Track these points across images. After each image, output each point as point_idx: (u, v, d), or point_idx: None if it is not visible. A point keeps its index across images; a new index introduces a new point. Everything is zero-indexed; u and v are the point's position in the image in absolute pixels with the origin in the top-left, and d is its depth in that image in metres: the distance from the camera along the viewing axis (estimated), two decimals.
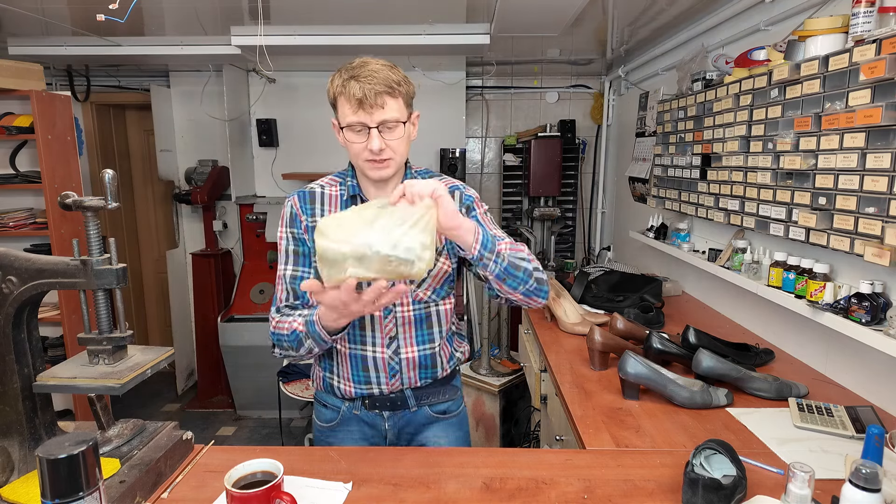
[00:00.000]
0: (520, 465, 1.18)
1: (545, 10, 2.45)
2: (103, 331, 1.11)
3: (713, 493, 0.98)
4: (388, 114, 1.19)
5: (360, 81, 1.16)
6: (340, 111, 1.22)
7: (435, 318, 1.37)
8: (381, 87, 1.17)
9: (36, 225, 2.85)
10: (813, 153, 1.58)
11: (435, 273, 1.33)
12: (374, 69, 1.18)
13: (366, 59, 1.21)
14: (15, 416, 1.07)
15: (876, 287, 1.42)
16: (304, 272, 1.32)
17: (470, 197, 1.37)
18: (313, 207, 1.33)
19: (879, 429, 1.04)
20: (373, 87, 1.16)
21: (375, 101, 1.17)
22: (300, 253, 1.32)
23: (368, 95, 1.16)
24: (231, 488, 0.93)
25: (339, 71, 1.22)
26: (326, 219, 1.01)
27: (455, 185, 1.38)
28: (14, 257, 1.06)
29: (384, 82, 1.18)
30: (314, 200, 1.33)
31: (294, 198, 1.34)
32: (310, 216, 1.32)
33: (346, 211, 1.03)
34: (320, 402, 1.44)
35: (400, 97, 1.21)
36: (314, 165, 4.08)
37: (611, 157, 4.09)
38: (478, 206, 1.38)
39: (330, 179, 1.38)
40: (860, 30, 1.39)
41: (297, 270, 1.32)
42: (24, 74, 2.64)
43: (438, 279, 1.34)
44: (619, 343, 1.75)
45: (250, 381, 3.76)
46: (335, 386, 1.38)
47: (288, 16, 2.78)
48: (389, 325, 1.32)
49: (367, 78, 1.17)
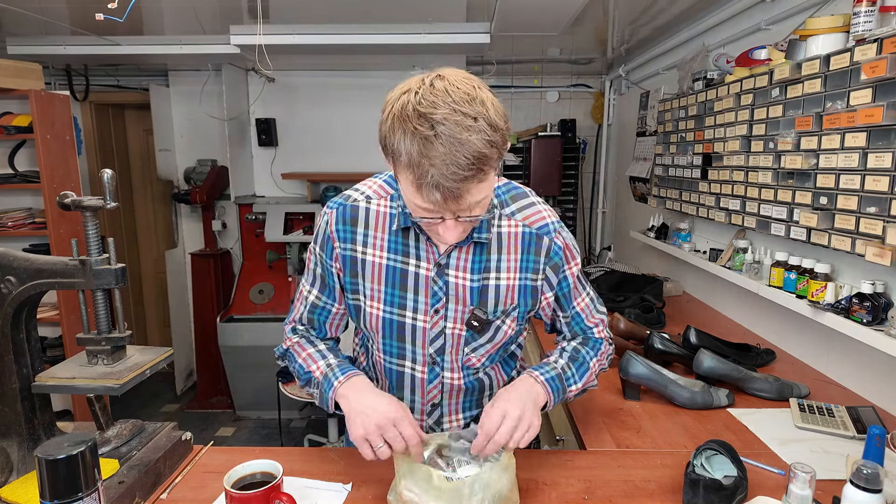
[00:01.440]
0: (520, 465, 1.17)
1: (545, 9, 2.45)
2: (102, 331, 1.11)
3: (714, 494, 0.98)
4: (473, 199, 0.87)
5: (442, 176, 0.81)
6: (402, 176, 0.88)
7: (487, 384, 1.18)
8: (468, 170, 0.82)
9: (35, 225, 2.85)
10: (814, 153, 1.57)
11: (498, 339, 1.11)
12: (461, 148, 0.80)
13: (443, 116, 0.81)
14: (14, 417, 1.07)
15: (877, 287, 1.41)
16: (328, 304, 1.15)
17: (559, 249, 1.09)
18: (354, 231, 1.07)
19: (881, 429, 1.04)
20: (458, 184, 0.83)
21: (456, 192, 0.84)
22: (325, 282, 1.13)
23: (450, 196, 0.84)
24: (230, 489, 0.92)
25: (406, 125, 0.82)
26: (405, 476, 0.93)
27: (545, 226, 1.09)
28: (13, 257, 1.05)
29: (476, 170, 0.83)
30: (356, 220, 1.07)
31: (332, 213, 1.09)
32: (347, 242, 1.08)
33: (422, 468, 0.93)
34: None
35: (493, 170, 0.87)
36: (314, 165, 4.08)
37: (611, 157, 4.08)
38: (567, 262, 1.11)
39: (378, 188, 1.10)
40: (861, 29, 1.38)
41: (320, 300, 1.15)
42: (22, 74, 2.63)
43: (497, 345, 1.12)
44: (620, 343, 1.75)
45: (250, 381, 3.75)
46: None
47: (287, 15, 2.78)
48: (434, 391, 1.13)
49: (452, 172, 0.81)
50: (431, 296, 1.07)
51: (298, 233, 3.77)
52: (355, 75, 3.98)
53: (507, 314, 1.10)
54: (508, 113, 0.89)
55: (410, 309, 1.08)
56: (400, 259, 1.07)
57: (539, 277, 1.10)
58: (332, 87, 4.02)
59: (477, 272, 1.07)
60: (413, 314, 1.08)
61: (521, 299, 1.10)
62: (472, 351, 1.11)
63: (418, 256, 1.06)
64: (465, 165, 0.81)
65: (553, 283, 1.12)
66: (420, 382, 1.13)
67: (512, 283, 1.08)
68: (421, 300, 1.07)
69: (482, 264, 1.07)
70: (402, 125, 0.83)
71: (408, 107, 0.83)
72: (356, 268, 1.09)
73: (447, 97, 0.82)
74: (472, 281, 1.07)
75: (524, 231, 1.08)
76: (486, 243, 1.06)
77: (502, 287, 1.08)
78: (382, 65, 3.85)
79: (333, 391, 1.05)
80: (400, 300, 1.08)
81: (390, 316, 1.09)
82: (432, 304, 1.07)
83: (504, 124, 0.87)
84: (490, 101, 0.86)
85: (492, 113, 0.85)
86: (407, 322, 1.09)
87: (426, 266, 1.06)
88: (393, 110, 0.85)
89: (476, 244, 1.06)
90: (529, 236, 1.08)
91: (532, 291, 1.10)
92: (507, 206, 1.09)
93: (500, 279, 1.08)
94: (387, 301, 1.08)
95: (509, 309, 1.10)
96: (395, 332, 1.10)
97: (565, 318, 1.18)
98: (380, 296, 1.08)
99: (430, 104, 0.82)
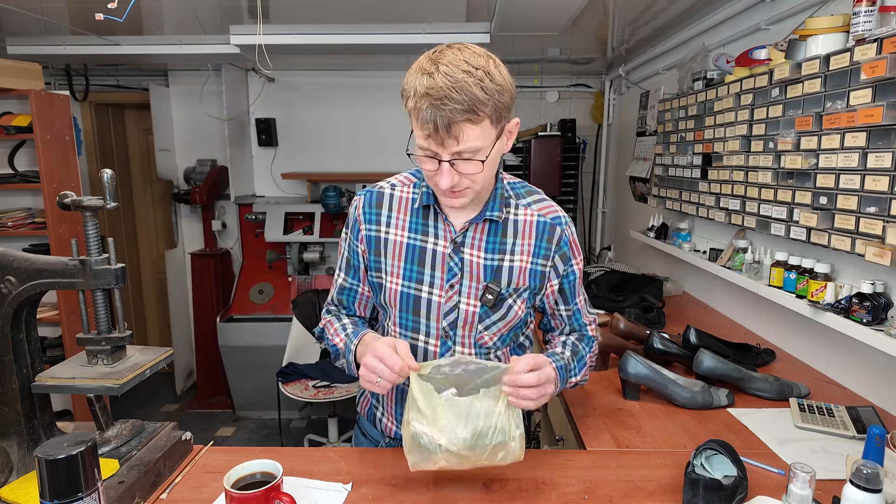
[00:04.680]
0: (520, 465, 1.17)
1: (545, 8, 2.45)
2: (102, 331, 1.11)
3: (714, 494, 0.98)
4: (466, 144, 0.96)
5: (434, 103, 0.93)
6: (413, 124, 1.00)
7: None
8: (460, 113, 0.93)
9: (34, 225, 2.85)
10: (814, 153, 1.57)
11: (510, 318, 1.17)
12: (454, 83, 0.92)
13: (447, 60, 0.95)
14: (14, 417, 1.07)
15: (877, 287, 1.42)
16: (354, 285, 1.24)
17: (568, 241, 1.18)
18: (379, 213, 1.17)
19: (880, 429, 1.04)
20: (447, 113, 0.93)
21: (449, 132, 0.95)
22: (352, 264, 1.22)
23: (440, 125, 0.94)
24: (230, 489, 0.92)
25: (418, 68, 0.98)
26: (420, 407, 0.97)
27: (558, 217, 1.18)
28: (12, 257, 1.05)
29: (465, 105, 0.93)
30: (381, 204, 1.18)
31: (360, 199, 1.19)
32: (372, 224, 1.17)
33: (441, 399, 0.98)
34: (361, 431, 1.34)
35: (486, 118, 0.96)
36: (313, 165, 4.07)
37: (611, 157, 4.08)
38: (575, 256, 1.20)
39: (404, 178, 1.20)
40: (861, 29, 1.38)
41: (347, 282, 1.24)
42: (22, 74, 2.63)
43: (508, 324, 1.18)
44: (620, 343, 1.75)
45: (249, 381, 3.75)
46: (378, 417, 1.29)
47: (287, 15, 2.78)
48: None
49: (442, 99, 0.92)
50: (447, 271, 1.14)
51: (298, 233, 3.77)
52: (355, 75, 3.98)
53: (518, 293, 1.16)
54: None
55: (427, 283, 1.15)
56: (420, 237, 1.15)
57: (548, 264, 1.17)
58: (332, 87, 4.02)
59: (491, 252, 1.15)
60: (429, 288, 1.15)
61: (531, 281, 1.17)
62: (485, 329, 1.16)
63: (436, 234, 1.15)
64: (457, 99, 0.92)
65: (560, 272, 1.19)
66: (433, 356, 1.17)
67: (524, 265, 1.15)
68: (437, 275, 1.14)
69: (497, 245, 1.15)
70: (415, 69, 0.98)
71: (423, 57, 0.99)
72: (380, 247, 1.17)
73: (459, 53, 0.97)
74: (487, 259, 1.14)
75: (539, 220, 1.17)
76: (499, 223, 1.15)
77: (515, 268, 1.15)
78: (382, 65, 3.85)
79: (352, 355, 1.15)
80: (417, 275, 1.15)
81: (407, 290, 1.16)
82: (448, 279, 1.14)
83: (507, 84, 0.98)
84: (497, 66, 0.99)
85: (493, 70, 0.97)
86: (423, 296, 1.15)
87: (443, 243, 1.14)
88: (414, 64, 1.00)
89: (490, 224, 1.15)
90: (543, 225, 1.16)
91: (541, 276, 1.17)
92: (523, 198, 1.19)
93: (513, 261, 1.15)
94: (405, 276, 1.15)
95: (521, 289, 1.16)
96: (410, 305, 1.16)
97: (567, 311, 1.25)
98: (399, 271, 1.16)
99: (441, 53, 0.98)
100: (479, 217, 1.13)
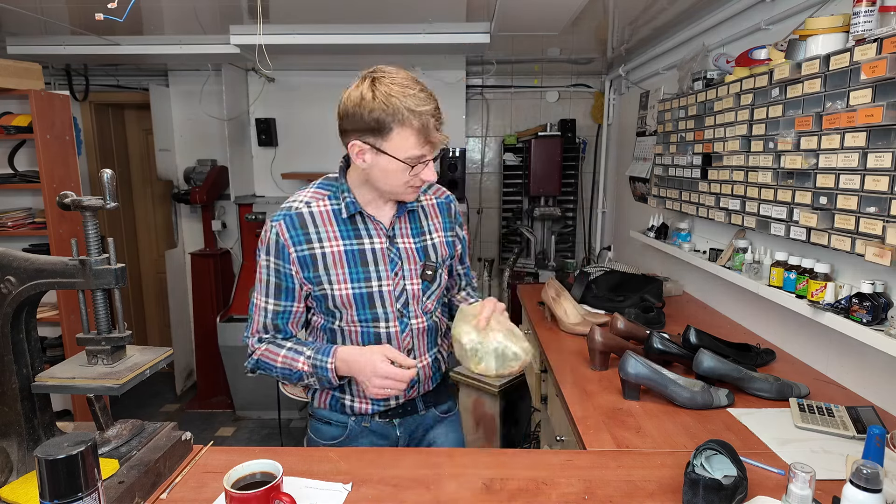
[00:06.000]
0: (520, 465, 1.18)
1: (545, 9, 2.45)
2: (102, 331, 1.11)
3: (714, 494, 0.98)
4: (441, 137, 1.19)
5: (434, 113, 1.15)
6: (397, 140, 1.14)
7: (438, 326, 1.40)
8: (434, 101, 1.15)
9: (34, 225, 2.85)
10: (814, 153, 1.57)
11: (441, 284, 1.37)
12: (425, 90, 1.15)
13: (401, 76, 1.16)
14: (13, 417, 1.07)
15: (877, 287, 1.42)
16: (287, 306, 1.29)
17: (457, 211, 1.45)
18: (306, 232, 1.24)
19: (880, 429, 1.04)
20: (439, 116, 1.16)
21: (436, 116, 1.16)
22: (283, 287, 1.27)
23: (438, 127, 1.16)
24: (230, 489, 0.93)
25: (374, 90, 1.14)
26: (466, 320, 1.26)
27: (448, 196, 1.44)
28: (12, 257, 1.05)
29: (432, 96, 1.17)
30: (304, 223, 1.25)
31: (280, 224, 1.24)
32: (302, 244, 1.24)
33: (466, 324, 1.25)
34: (322, 420, 1.40)
35: None
36: (313, 165, 4.07)
37: (611, 157, 4.08)
38: (463, 225, 1.47)
39: (314, 193, 1.30)
40: (861, 29, 1.38)
41: (280, 305, 1.29)
42: (22, 74, 2.63)
43: (441, 289, 1.38)
44: (620, 343, 1.75)
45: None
46: (346, 404, 1.36)
47: (287, 15, 2.78)
48: (407, 338, 1.32)
49: (436, 107, 1.16)
50: (389, 262, 1.30)
51: None
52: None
53: (444, 263, 1.38)
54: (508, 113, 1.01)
55: (375, 279, 1.28)
56: (355, 242, 1.28)
57: (453, 234, 1.41)
58: (333, 87, 3.98)
59: (416, 236, 1.34)
60: (378, 283, 1.28)
61: (449, 251, 1.40)
62: (427, 299, 1.35)
63: (370, 235, 1.29)
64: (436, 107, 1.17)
65: (460, 238, 1.45)
66: (395, 335, 1.31)
67: (441, 239, 1.38)
68: (382, 269, 1.29)
69: (418, 230, 1.35)
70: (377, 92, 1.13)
71: (375, 83, 1.15)
72: (316, 262, 1.26)
73: (395, 71, 1.18)
74: (416, 243, 1.34)
75: (438, 201, 1.41)
76: (415, 211, 1.35)
77: (437, 244, 1.37)
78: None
79: (332, 373, 1.24)
80: (364, 274, 1.27)
81: (358, 290, 1.27)
82: (392, 268, 1.30)
83: None
84: None
85: None
86: (374, 291, 1.28)
87: (379, 241, 1.29)
88: (364, 100, 1.14)
89: (409, 213, 1.34)
90: (441, 205, 1.41)
91: (452, 245, 1.42)
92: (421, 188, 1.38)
93: (433, 239, 1.37)
94: (353, 279, 1.27)
95: (445, 259, 1.38)
96: (366, 301, 1.28)
97: (463, 269, 1.52)
98: (345, 277, 1.26)
99: (384, 73, 1.17)
100: (401, 210, 1.31)
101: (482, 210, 4.34)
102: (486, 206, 4.34)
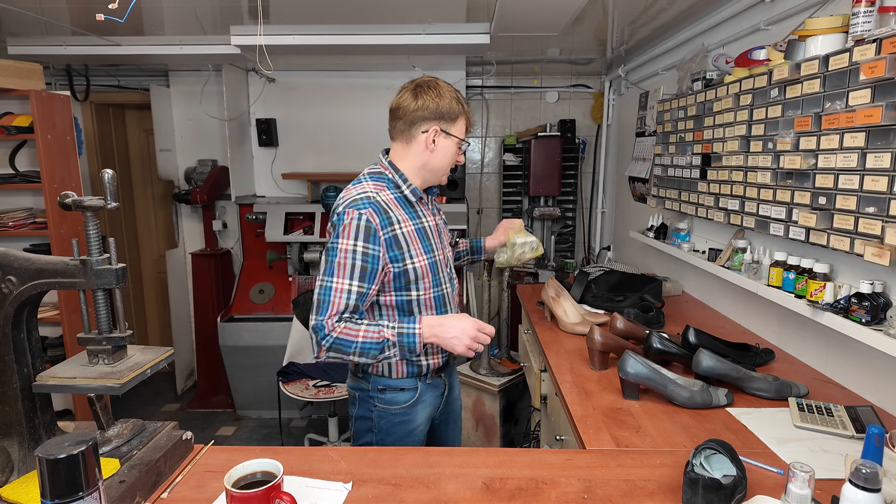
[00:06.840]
0: (520, 465, 1.18)
1: (545, 9, 2.45)
2: (103, 331, 1.11)
3: (713, 493, 0.98)
4: None
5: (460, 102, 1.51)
6: (458, 127, 1.50)
7: None
8: None
9: (35, 225, 2.85)
10: (813, 153, 1.58)
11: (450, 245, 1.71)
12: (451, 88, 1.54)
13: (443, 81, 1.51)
14: (14, 416, 1.07)
15: (876, 287, 1.42)
16: (368, 288, 1.40)
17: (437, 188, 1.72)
18: (388, 217, 1.42)
19: (879, 429, 1.04)
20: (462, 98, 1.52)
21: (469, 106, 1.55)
22: (368, 270, 1.38)
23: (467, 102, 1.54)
24: (231, 488, 0.93)
25: (439, 90, 1.47)
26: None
27: None
28: (13, 257, 1.06)
29: None
30: (386, 210, 1.43)
31: (369, 211, 1.39)
32: (386, 227, 1.41)
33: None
34: (397, 388, 1.52)
35: None
36: (314, 165, 4.08)
37: (611, 157, 4.09)
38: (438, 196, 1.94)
39: (374, 185, 1.47)
40: (860, 29, 1.39)
41: (363, 287, 1.38)
42: (23, 74, 2.64)
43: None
44: (620, 343, 1.75)
45: (250, 381, 3.75)
46: (423, 364, 1.53)
47: (287, 15, 2.78)
48: (456, 296, 1.63)
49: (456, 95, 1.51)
50: (439, 235, 1.60)
51: (299, 233, 3.78)
52: (355, 75, 3.98)
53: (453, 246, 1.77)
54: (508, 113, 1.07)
55: (437, 250, 1.55)
56: (417, 221, 1.52)
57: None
58: (332, 87, 4.02)
59: (436, 215, 1.65)
60: (439, 253, 1.56)
61: None
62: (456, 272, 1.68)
63: (423, 215, 1.55)
64: None
65: None
66: (454, 295, 1.60)
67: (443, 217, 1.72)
68: (436, 241, 1.56)
69: (434, 210, 1.66)
70: (444, 92, 1.48)
71: (434, 84, 1.50)
72: (399, 241, 1.44)
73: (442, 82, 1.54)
74: (439, 220, 1.66)
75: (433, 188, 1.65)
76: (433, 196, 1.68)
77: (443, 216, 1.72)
78: (382, 65, 3.85)
79: (419, 337, 1.37)
80: (431, 247, 1.53)
81: (431, 260, 1.52)
82: (441, 239, 1.60)
83: None
84: None
85: None
86: (438, 259, 1.55)
87: (429, 218, 1.57)
88: (441, 98, 1.47)
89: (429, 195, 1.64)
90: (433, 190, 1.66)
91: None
92: None
93: (442, 211, 1.72)
94: (426, 251, 1.50)
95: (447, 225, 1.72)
96: (434, 269, 1.52)
97: None
98: (420, 250, 1.48)
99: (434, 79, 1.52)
100: (430, 192, 1.62)
101: (482, 210, 4.34)
102: (486, 207, 4.34)
